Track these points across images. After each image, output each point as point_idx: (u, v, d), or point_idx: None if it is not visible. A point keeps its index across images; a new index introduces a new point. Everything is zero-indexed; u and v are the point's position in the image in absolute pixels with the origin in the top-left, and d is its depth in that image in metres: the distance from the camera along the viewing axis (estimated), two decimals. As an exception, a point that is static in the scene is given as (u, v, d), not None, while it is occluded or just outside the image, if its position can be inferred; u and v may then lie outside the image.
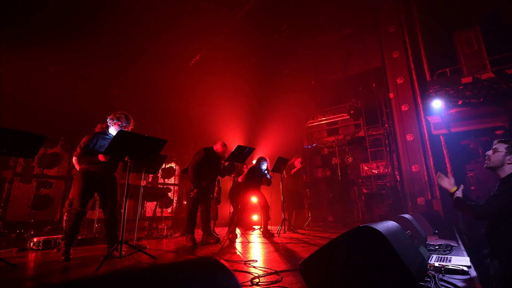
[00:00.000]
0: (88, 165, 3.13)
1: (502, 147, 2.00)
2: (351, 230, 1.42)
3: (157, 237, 4.84)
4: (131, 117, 3.38)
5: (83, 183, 3.06)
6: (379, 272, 1.27)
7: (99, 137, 3.20)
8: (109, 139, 3.24)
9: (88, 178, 3.09)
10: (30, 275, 2.47)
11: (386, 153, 7.34)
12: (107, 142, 3.19)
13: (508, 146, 1.98)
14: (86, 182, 3.07)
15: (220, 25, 7.03)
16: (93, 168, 3.13)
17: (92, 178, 3.12)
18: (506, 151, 1.96)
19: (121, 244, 2.76)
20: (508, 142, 2.01)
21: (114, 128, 3.25)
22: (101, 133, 3.27)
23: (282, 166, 5.44)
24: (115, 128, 3.23)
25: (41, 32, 5.41)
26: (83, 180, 3.07)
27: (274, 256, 2.91)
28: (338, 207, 7.53)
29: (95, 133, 3.28)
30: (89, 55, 6.15)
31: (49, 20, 5.41)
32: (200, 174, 4.07)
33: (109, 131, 3.28)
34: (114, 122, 3.24)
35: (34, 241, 3.69)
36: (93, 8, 5.60)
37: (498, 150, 2.00)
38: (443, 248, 2.35)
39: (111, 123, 3.26)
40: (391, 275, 1.24)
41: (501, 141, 2.05)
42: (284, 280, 1.91)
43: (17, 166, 5.06)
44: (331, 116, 8.62)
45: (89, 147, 3.14)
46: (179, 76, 7.76)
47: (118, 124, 3.23)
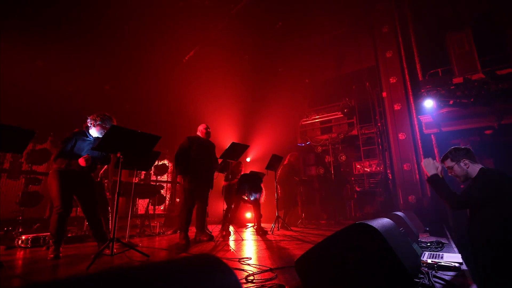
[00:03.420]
0: (64, 166, 2.97)
1: (449, 163, 2.19)
2: (346, 227, 1.42)
3: (150, 235, 4.79)
4: (114, 118, 3.24)
5: (60, 181, 2.92)
6: (374, 269, 1.27)
7: (78, 138, 3.06)
8: (89, 141, 3.14)
9: (64, 176, 2.95)
10: (18, 273, 2.41)
11: (379, 152, 7.42)
12: (86, 145, 3.10)
13: (449, 158, 2.18)
14: (63, 180, 2.93)
15: (214, 21, 6.96)
16: (69, 167, 2.97)
17: (69, 177, 2.97)
18: (454, 162, 2.15)
19: (113, 242, 2.72)
20: (446, 157, 2.22)
21: (95, 130, 3.12)
22: (80, 134, 3.10)
23: (276, 164, 5.45)
24: (97, 130, 3.12)
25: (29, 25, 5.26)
26: (59, 179, 2.93)
27: (268, 254, 2.91)
28: (331, 205, 7.58)
29: (73, 133, 3.10)
30: (79, 50, 6.01)
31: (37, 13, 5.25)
32: (190, 164, 3.96)
33: (89, 132, 3.15)
34: (97, 123, 3.10)
35: (23, 238, 3.60)
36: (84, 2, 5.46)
37: (451, 166, 2.19)
38: (434, 245, 2.39)
39: (93, 123, 3.11)
40: (387, 271, 1.24)
41: (442, 160, 2.26)
42: (279, 277, 1.91)
43: (5, 162, 4.92)
44: (325, 114, 8.67)
45: (66, 148, 2.99)
46: (173, 73, 7.66)
47: (101, 126, 3.11)
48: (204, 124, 4.29)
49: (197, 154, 4.03)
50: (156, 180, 7.04)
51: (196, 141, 4.12)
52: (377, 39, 7.47)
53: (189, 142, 4.04)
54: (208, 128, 4.29)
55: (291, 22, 7.69)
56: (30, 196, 4.73)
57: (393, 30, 7.21)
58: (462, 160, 2.10)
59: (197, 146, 4.08)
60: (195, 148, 4.04)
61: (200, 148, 4.10)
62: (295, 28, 7.95)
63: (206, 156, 4.15)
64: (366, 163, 7.84)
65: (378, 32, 7.45)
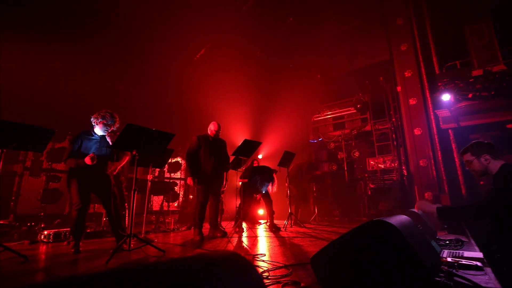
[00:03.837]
0: (77, 165, 3.06)
1: (469, 157, 2.12)
2: (363, 224, 1.40)
3: (164, 231, 4.88)
4: (117, 115, 3.31)
5: (76, 179, 3.03)
6: (393, 267, 1.25)
7: (83, 138, 3.14)
8: (94, 140, 3.20)
9: (80, 174, 3.05)
10: (41, 267, 2.51)
11: (393, 148, 7.26)
12: (93, 143, 3.17)
13: (470, 152, 2.12)
14: (78, 178, 3.04)
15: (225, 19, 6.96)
16: (83, 168, 3.05)
17: (84, 175, 3.07)
18: (474, 157, 2.09)
19: (130, 238, 2.79)
20: (466, 150, 2.15)
21: (99, 128, 3.19)
22: (85, 133, 3.18)
23: (289, 161, 5.43)
24: (100, 128, 3.18)
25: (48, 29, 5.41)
26: (76, 176, 3.03)
27: (281, 250, 2.91)
28: (344, 202, 7.50)
29: (79, 133, 3.18)
30: (95, 51, 6.15)
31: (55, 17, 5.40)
32: (200, 163, 3.98)
33: (94, 131, 3.22)
34: (99, 121, 3.18)
35: (45, 233, 3.75)
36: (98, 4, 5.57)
37: (470, 160, 2.12)
38: (454, 243, 2.32)
39: (96, 122, 3.19)
40: (406, 269, 1.22)
41: (461, 153, 2.19)
42: (294, 273, 1.91)
43: (27, 160, 5.13)
44: (337, 110, 8.54)
45: (73, 148, 3.08)
46: (184, 71, 7.73)
47: (103, 123, 3.17)
48: (216, 124, 4.19)
49: (206, 152, 4.04)
50: (169, 178, 7.16)
51: (205, 139, 4.11)
52: (391, 32, 7.26)
53: (198, 141, 4.05)
54: (219, 129, 4.19)
55: (302, 17, 7.59)
56: (50, 193, 4.92)
57: (408, 22, 6.98)
58: (483, 155, 2.03)
59: (206, 144, 4.08)
60: (204, 146, 4.06)
61: (210, 146, 4.10)
62: (306, 23, 7.85)
63: (217, 154, 4.13)
64: (380, 159, 7.69)
65: (392, 24, 7.24)
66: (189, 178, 3.86)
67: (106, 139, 3.24)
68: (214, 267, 0.54)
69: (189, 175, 3.88)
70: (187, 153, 4.01)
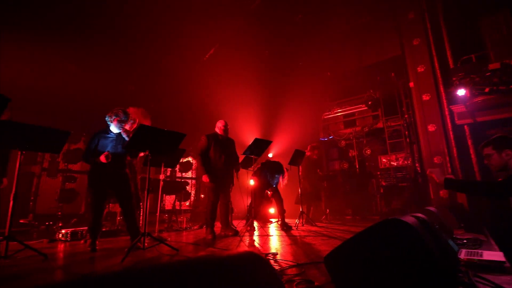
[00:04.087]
0: (95, 164, 3.15)
1: (490, 151, 2.08)
2: (378, 222, 1.38)
3: (177, 230, 4.95)
4: (129, 112, 3.39)
5: (93, 179, 3.13)
6: (409, 267, 1.23)
7: (100, 137, 3.21)
8: (111, 138, 3.27)
9: (97, 174, 3.14)
10: (60, 265, 2.59)
11: (406, 145, 7.12)
12: (109, 142, 3.24)
13: (492, 146, 2.07)
14: (96, 178, 3.13)
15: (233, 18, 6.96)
16: (101, 166, 3.13)
17: (102, 175, 3.15)
18: (495, 151, 2.04)
19: (145, 236, 2.84)
20: (488, 143, 2.11)
21: (114, 125, 3.25)
22: (101, 132, 3.26)
23: (299, 159, 5.40)
24: (115, 125, 3.25)
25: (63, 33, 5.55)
26: (93, 177, 3.13)
27: (293, 249, 2.91)
28: (356, 200, 7.41)
29: (95, 133, 3.27)
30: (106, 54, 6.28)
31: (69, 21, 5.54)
32: (210, 162, 4.01)
33: (110, 130, 3.29)
34: (113, 118, 3.25)
35: (63, 232, 3.86)
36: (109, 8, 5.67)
37: (490, 154, 2.08)
38: (472, 242, 2.26)
39: (110, 120, 3.26)
40: (423, 269, 1.19)
41: (483, 146, 2.14)
42: (307, 272, 1.90)
43: (44, 161, 5.30)
44: (348, 107, 8.43)
45: (90, 148, 3.16)
46: (194, 71, 7.79)
47: (117, 119, 3.24)
48: (223, 121, 4.26)
49: (216, 151, 4.06)
50: (181, 177, 7.24)
51: (214, 138, 4.14)
52: (402, 27, 7.10)
53: (207, 140, 4.08)
54: (227, 125, 4.26)
55: (311, 14, 7.52)
56: (67, 193, 5.06)
57: (420, 16, 6.81)
58: (504, 150, 1.97)
59: (216, 143, 4.10)
60: (214, 145, 4.08)
61: (219, 145, 4.12)
62: (315, 20, 7.77)
63: (226, 153, 4.15)
64: (392, 156, 7.55)
65: (403, 19, 7.08)
66: (204, 176, 3.89)
67: (122, 137, 3.31)
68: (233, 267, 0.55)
69: (203, 173, 3.91)
70: (199, 151, 4.05)
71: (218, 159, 4.05)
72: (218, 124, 4.27)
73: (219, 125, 4.25)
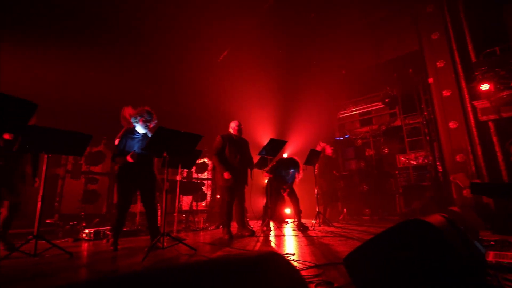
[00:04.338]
0: (124, 164, 3.25)
1: None
2: (399, 223, 1.35)
3: (194, 230, 5.03)
4: (153, 111, 3.47)
5: (121, 180, 3.23)
6: (434, 269, 1.19)
7: (127, 137, 3.31)
8: (137, 138, 3.36)
9: (125, 176, 3.24)
10: (85, 263, 2.70)
11: (426, 143, 6.88)
12: (135, 142, 3.33)
13: None
14: (124, 179, 3.23)
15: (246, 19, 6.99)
16: (129, 166, 3.23)
17: (129, 176, 3.24)
18: None
19: (164, 236, 2.91)
20: None
21: (140, 125, 3.35)
22: (128, 132, 3.36)
23: (315, 159, 5.35)
24: (141, 125, 3.34)
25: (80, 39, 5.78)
26: (121, 178, 3.23)
27: (311, 250, 2.88)
28: (373, 200, 7.25)
29: (122, 133, 3.36)
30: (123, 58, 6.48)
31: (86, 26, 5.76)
32: (227, 161, 4.03)
33: (136, 130, 3.38)
34: (138, 119, 3.34)
35: (86, 232, 4.02)
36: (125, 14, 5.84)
37: None
38: (500, 244, 2.16)
39: (136, 121, 3.35)
40: (449, 272, 1.15)
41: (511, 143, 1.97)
42: (326, 273, 1.88)
43: (68, 164, 5.54)
44: (364, 106, 8.27)
45: (119, 148, 3.26)
46: (208, 73, 7.89)
47: (143, 120, 3.33)
48: (236, 121, 4.29)
49: (231, 151, 4.09)
50: (197, 178, 7.35)
51: (228, 138, 4.17)
52: (420, 21, 6.88)
53: (222, 140, 4.11)
54: (240, 125, 4.29)
55: (324, 11, 7.42)
56: (89, 194, 5.26)
57: (439, 9, 6.57)
58: None
59: (230, 143, 4.13)
60: (229, 145, 4.11)
61: (234, 145, 4.15)
62: (329, 17, 7.67)
63: (240, 153, 4.18)
64: (411, 155, 7.32)
65: (421, 12, 6.85)
66: (226, 173, 3.92)
67: (148, 137, 3.40)
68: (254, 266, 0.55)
69: (224, 171, 3.94)
70: (214, 150, 4.09)
71: (233, 159, 4.08)
72: (232, 124, 4.30)
73: (232, 126, 4.29)
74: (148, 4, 5.82)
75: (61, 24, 5.38)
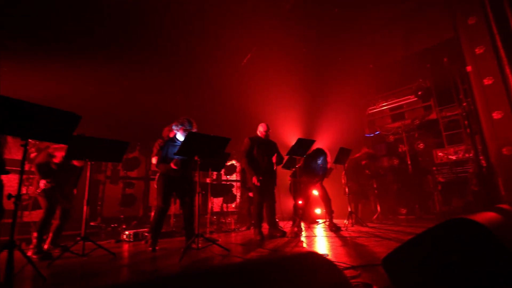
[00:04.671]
0: (166, 170, 3.43)
1: None
2: (443, 222, 1.27)
3: (226, 231, 5.12)
4: (193, 120, 3.61)
5: (163, 184, 3.40)
6: (485, 273, 1.11)
7: (169, 145, 3.48)
8: (178, 146, 3.53)
9: (167, 181, 3.42)
10: (127, 263, 2.87)
11: (467, 136, 6.40)
12: (177, 149, 3.50)
13: None
14: (166, 183, 3.40)
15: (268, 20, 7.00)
16: (170, 172, 3.41)
17: (170, 181, 3.42)
18: None
19: (198, 237, 3.00)
20: None
21: (180, 134, 3.49)
22: (170, 140, 3.53)
23: (344, 157, 5.21)
24: (181, 133, 3.48)
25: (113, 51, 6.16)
26: (163, 182, 3.41)
27: (345, 250, 2.81)
28: (409, 199, 6.89)
29: (165, 141, 3.55)
30: (153, 68, 6.79)
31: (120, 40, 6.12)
32: (254, 163, 4.08)
33: (177, 138, 3.54)
34: (179, 127, 3.49)
35: (126, 234, 4.27)
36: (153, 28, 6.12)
37: None
38: (560, 244, 1.94)
39: (177, 129, 3.51)
40: (504, 277, 1.07)
41: None
42: (363, 275, 1.83)
43: (107, 170, 5.93)
44: (395, 100, 7.89)
45: (162, 154, 3.46)
46: (233, 77, 8.01)
47: (183, 129, 3.47)
48: (264, 125, 4.34)
49: (259, 153, 4.14)
50: (226, 180, 7.48)
51: (257, 140, 4.23)
52: (454, 5, 6.43)
53: (250, 142, 4.17)
54: (269, 129, 4.32)
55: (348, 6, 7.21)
56: (127, 197, 5.59)
57: (476, -9, 6.10)
58: None
59: (259, 145, 4.18)
60: (257, 147, 4.16)
61: (262, 147, 4.20)
62: (353, 11, 7.43)
63: (268, 154, 4.22)
64: (450, 150, 6.85)
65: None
66: (254, 178, 3.98)
67: None
68: (297, 267, 0.56)
69: (252, 175, 4.00)
70: (242, 155, 4.15)
71: (261, 160, 4.11)
72: (260, 128, 4.35)
73: (260, 129, 4.34)
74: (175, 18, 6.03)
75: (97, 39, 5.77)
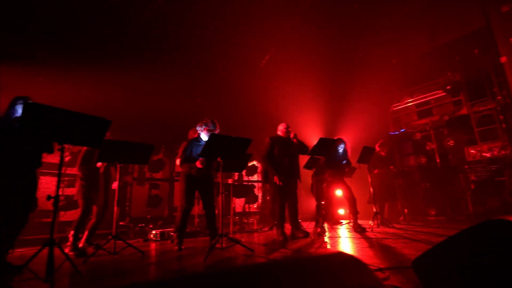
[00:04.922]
0: (189, 170, 3.53)
1: None
2: (479, 224, 1.21)
3: (248, 231, 5.16)
4: (216, 121, 3.70)
5: (186, 184, 3.50)
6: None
7: (193, 145, 3.58)
8: (202, 146, 3.63)
9: (189, 180, 3.52)
10: (154, 261, 2.99)
11: (502, 131, 6.00)
12: (201, 149, 3.59)
13: None
14: (188, 183, 3.51)
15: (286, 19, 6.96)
16: (193, 172, 3.51)
17: (193, 180, 3.52)
18: None
19: (222, 237, 3.05)
20: None
21: (204, 134, 3.59)
22: (195, 140, 3.63)
23: (368, 156, 5.07)
24: (205, 134, 3.58)
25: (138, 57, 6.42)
26: (186, 182, 3.51)
27: (371, 252, 2.74)
28: (439, 199, 6.56)
29: (189, 141, 3.65)
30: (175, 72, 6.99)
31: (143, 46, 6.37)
32: (275, 163, 4.07)
33: (201, 138, 3.63)
34: (203, 128, 3.60)
35: (153, 233, 4.44)
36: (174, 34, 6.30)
37: None
38: None
39: (201, 130, 3.62)
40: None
41: None
42: (392, 278, 1.77)
43: (134, 172, 6.19)
44: (421, 95, 7.57)
45: (187, 154, 3.55)
46: (252, 78, 8.05)
47: (207, 129, 3.57)
48: (284, 124, 4.35)
49: (280, 153, 4.14)
50: (248, 181, 7.53)
51: (277, 140, 4.23)
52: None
53: (271, 142, 4.17)
54: (288, 127, 4.32)
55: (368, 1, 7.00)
56: (153, 198, 5.80)
57: (509, -23, 5.70)
58: None
59: (280, 145, 4.18)
60: (278, 147, 4.15)
61: (283, 146, 4.19)
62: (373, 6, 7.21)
63: (289, 154, 4.21)
64: (483, 146, 6.44)
65: (486, -17, 6.03)
66: (275, 177, 3.98)
67: None
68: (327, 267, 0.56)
69: (274, 175, 4.01)
70: (263, 155, 4.17)
71: (282, 161, 4.11)
72: (280, 127, 4.35)
73: (280, 128, 4.34)
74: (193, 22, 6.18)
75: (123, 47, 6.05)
